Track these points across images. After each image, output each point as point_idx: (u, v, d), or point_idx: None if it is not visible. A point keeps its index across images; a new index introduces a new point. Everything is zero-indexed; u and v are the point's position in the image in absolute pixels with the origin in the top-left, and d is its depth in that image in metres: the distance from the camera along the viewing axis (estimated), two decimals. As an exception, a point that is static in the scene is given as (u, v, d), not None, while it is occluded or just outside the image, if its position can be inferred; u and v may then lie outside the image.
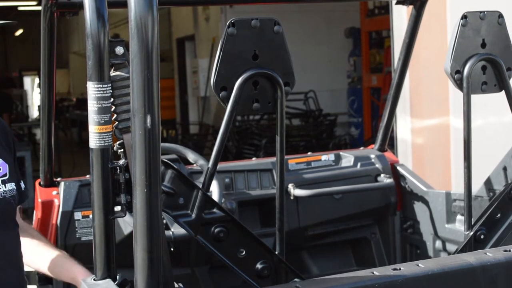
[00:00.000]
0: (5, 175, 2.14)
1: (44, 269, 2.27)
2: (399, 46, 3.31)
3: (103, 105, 1.66)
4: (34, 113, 20.39)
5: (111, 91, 1.67)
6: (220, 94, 1.78)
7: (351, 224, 3.51)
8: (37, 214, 2.94)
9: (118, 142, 1.74)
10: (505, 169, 2.69)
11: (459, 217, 3.18)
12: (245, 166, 3.32)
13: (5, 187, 2.13)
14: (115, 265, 1.74)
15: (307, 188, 3.27)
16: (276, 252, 1.86)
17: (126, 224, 2.79)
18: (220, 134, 1.81)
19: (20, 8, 17.23)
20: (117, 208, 1.74)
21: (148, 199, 1.47)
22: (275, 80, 1.81)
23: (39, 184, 2.99)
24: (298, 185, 3.28)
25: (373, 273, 1.67)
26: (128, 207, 1.72)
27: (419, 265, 1.71)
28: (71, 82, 19.97)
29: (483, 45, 2.14)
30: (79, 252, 2.82)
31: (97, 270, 1.73)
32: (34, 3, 15.22)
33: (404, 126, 6.01)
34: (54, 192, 2.95)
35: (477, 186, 2.83)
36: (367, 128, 10.85)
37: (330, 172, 3.44)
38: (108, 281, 1.71)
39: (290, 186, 3.27)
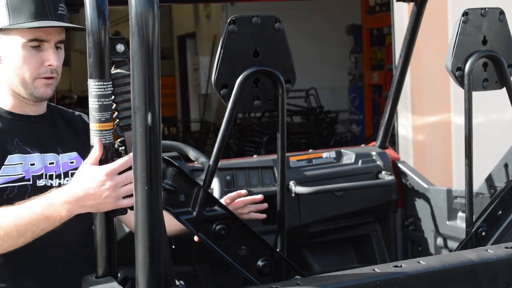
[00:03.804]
0: (76, 168, 2.13)
1: None
2: (400, 43, 3.31)
3: (104, 103, 1.66)
4: (35, 111, 20.24)
5: (112, 88, 1.68)
6: (221, 92, 1.78)
7: (352, 221, 3.51)
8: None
9: (119, 140, 1.74)
10: (506, 166, 2.69)
11: (460, 214, 3.17)
12: (246, 163, 3.32)
13: None
14: (116, 263, 1.74)
15: (308, 185, 3.27)
16: (277, 249, 1.86)
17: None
18: (221, 132, 1.81)
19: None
20: (118, 206, 1.74)
21: (149, 196, 1.47)
22: (276, 78, 1.81)
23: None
24: (299, 183, 3.28)
25: (374, 270, 1.67)
26: (129, 205, 1.72)
27: (420, 262, 1.71)
28: (72, 79, 19.92)
29: (484, 42, 2.13)
30: None
31: (98, 267, 1.73)
32: (35, 0, 15.16)
33: (405, 123, 6.01)
34: None
35: (478, 183, 2.83)
36: (368, 125, 10.84)
37: (331, 169, 3.43)
38: (110, 278, 1.71)
39: (291, 183, 3.26)
